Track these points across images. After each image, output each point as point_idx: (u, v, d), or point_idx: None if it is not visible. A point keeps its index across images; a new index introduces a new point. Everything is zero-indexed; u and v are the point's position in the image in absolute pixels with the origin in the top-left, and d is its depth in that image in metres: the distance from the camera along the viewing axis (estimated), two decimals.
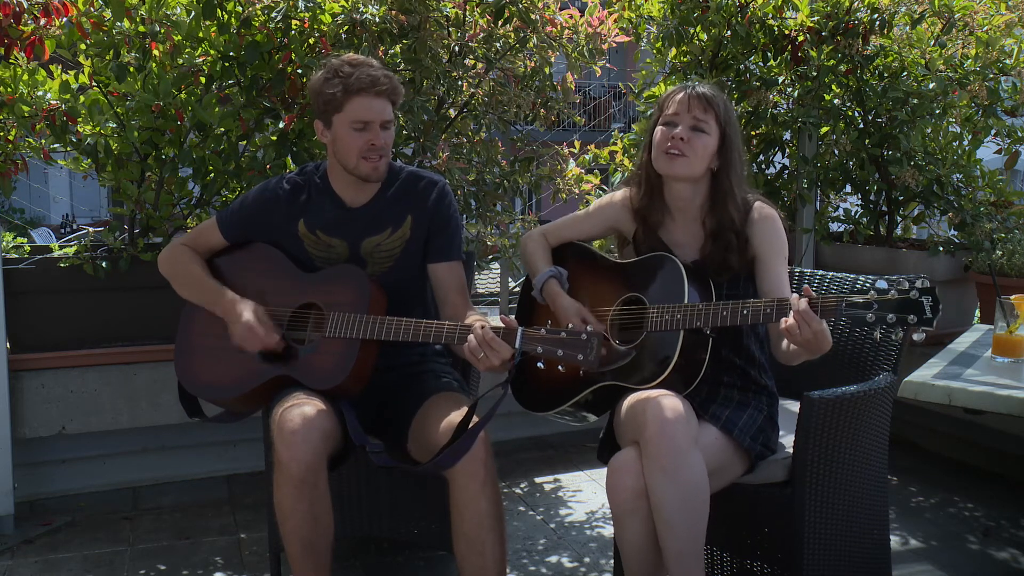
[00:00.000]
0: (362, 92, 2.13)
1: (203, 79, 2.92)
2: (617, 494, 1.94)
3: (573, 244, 2.36)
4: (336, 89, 2.14)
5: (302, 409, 2.01)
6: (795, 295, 1.89)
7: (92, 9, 2.75)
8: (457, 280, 2.31)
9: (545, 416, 2.26)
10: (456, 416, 2.05)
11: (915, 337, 1.80)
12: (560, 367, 2.16)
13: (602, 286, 2.23)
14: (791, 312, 1.86)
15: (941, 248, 3.57)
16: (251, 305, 2.18)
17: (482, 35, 3.16)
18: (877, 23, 3.51)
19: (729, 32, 3.65)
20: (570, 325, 1.99)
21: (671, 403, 1.93)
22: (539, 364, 2.00)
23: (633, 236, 2.28)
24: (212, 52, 2.91)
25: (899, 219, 4.02)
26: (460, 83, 3.17)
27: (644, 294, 2.12)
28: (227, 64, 2.89)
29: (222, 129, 2.90)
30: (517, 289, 4.68)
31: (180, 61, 2.87)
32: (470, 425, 1.99)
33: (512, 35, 3.16)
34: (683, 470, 1.87)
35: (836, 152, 3.85)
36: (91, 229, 3.46)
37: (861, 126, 3.80)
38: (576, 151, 3.65)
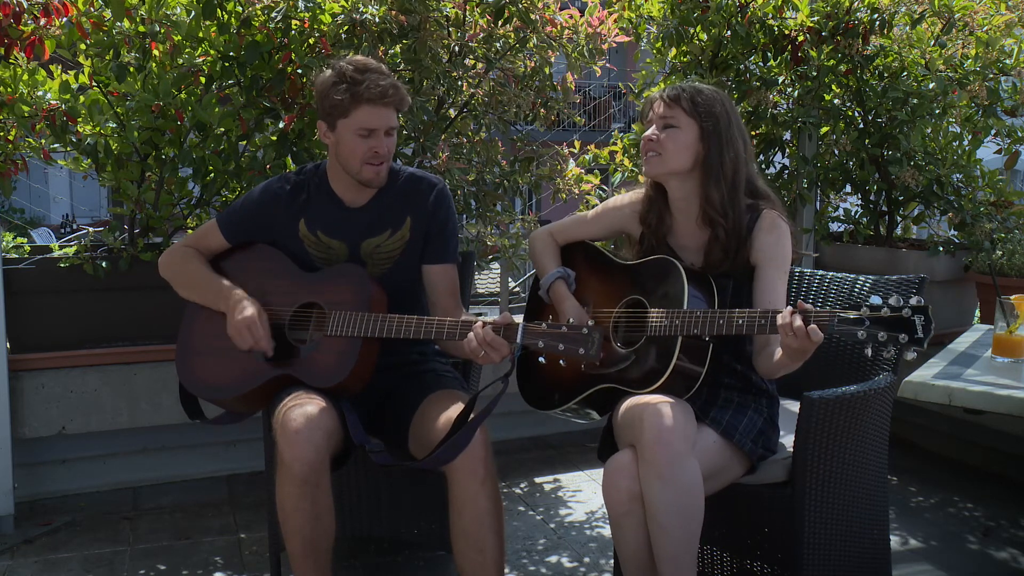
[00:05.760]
0: (371, 102, 2.13)
1: (203, 79, 2.92)
2: (613, 496, 1.94)
3: (581, 243, 2.37)
4: (344, 96, 2.13)
5: (305, 408, 2.01)
6: (789, 308, 1.85)
7: (92, 9, 2.75)
8: (450, 283, 2.32)
9: (548, 414, 2.27)
10: (456, 413, 2.05)
11: (907, 356, 1.77)
12: (561, 362, 2.16)
13: (607, 287, 2.24)
14: (791, 331, 1.82)
15: (941, 248, 3.57)
16: (255, 304, 2.18)
17: (482, 35, 3.16)
18: (877, 23, 3.51)
19: (729, 32, 3.65)
20: (571, 320, 1.99)
21: (669, 409, 1.92)
22: (540, 359, 2.01)
23: (640, 238, 2.27)
24: (212, 52, 2.91)
25: (899, 219, 4.02)
26: (460, 83, 3.17)
27: (646, 297, 2.12)
28: (227, 64, 2.89)
29: (222, 129, 2.90)
30: (517, 289, 4.69)
31: (180, 61, 2.87)
32: (469, 419, 1.99)
33: (512, 35, 3.16)
34: (678, 475, 1.87)
35: (836, 152, 3.85)
36: (91, 229, 3.45)
37: (861, 126, 3.80)
38: (576, 151, 3.65)
